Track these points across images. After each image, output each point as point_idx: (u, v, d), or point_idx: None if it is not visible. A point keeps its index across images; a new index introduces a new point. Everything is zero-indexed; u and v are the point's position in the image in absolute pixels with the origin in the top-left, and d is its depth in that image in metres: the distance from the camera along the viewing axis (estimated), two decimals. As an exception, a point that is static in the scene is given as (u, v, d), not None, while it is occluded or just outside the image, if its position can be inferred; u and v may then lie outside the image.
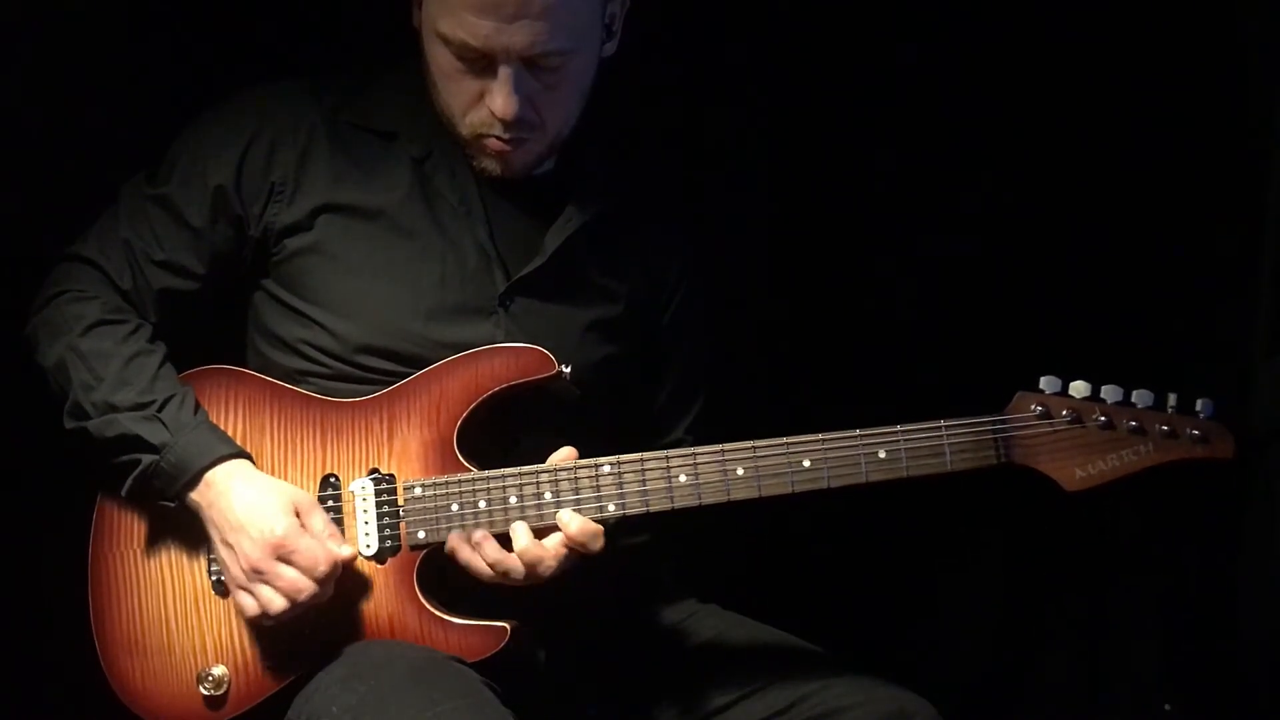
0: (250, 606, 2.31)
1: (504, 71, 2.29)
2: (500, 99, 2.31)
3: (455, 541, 2.32)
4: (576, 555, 2.31)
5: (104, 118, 2.76)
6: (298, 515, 2.32)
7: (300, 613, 2.29)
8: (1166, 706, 2.97)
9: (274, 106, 2.46)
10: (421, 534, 2.35)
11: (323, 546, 2.30)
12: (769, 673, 2.45)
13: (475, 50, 2.28)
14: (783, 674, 2.44)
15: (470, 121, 2.37)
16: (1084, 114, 3.02)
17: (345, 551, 2.32)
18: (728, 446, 2.30)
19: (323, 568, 2.28)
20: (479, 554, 2.31)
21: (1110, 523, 3.01)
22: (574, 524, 2.30)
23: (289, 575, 2.28)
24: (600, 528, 2.30)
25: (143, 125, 2.64)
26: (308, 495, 2.36)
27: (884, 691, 2.38)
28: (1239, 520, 2.94)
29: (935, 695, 2.40)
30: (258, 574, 2.29)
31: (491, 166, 2.41)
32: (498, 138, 2.36)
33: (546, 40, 2.27)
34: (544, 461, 2.35)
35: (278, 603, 2.28)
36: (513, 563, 2.30)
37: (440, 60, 2.34)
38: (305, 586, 2.28)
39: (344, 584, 2.33)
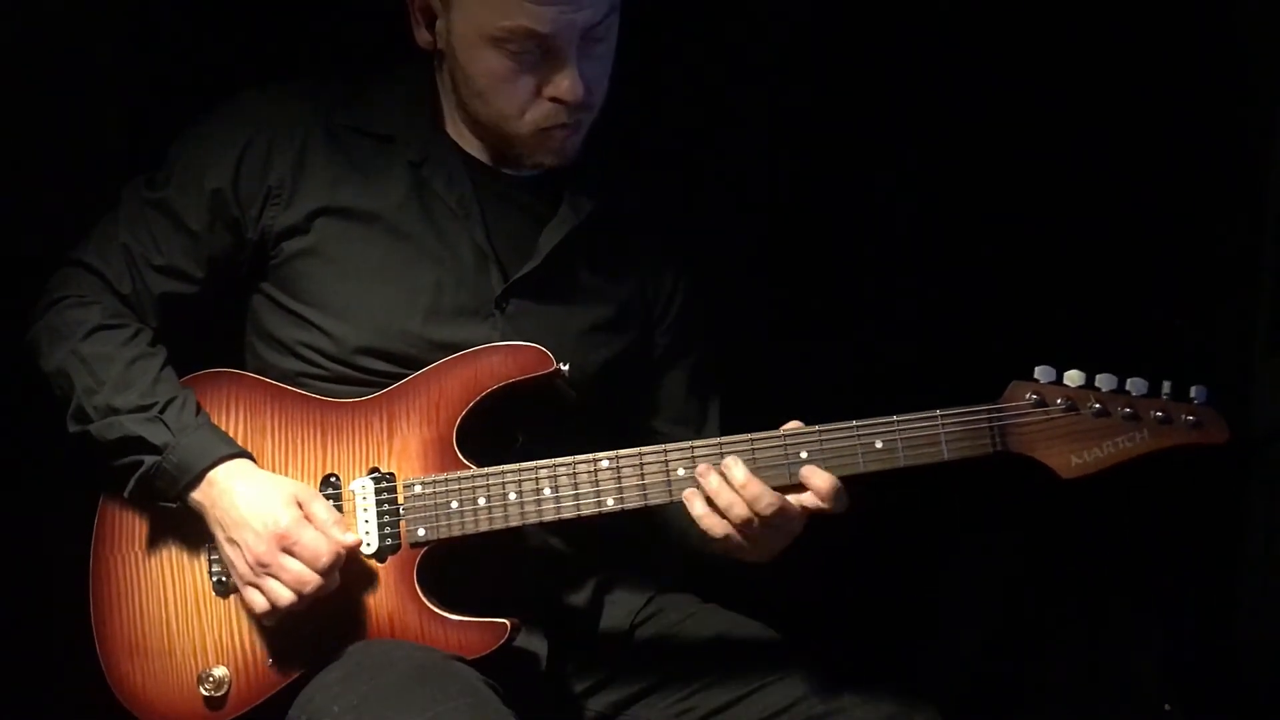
0: (259, 602, 2.31)
1: (570, 54, 2.30)
2: (568, 82, 2.31)
3: (689, 495, 2.26)
4: (810, 514, 2.26)
5: (104, 119, 2.77)
6: (300, 507, 2.32)
7: (307, 605, 2.29)
8: (1166, 707, 2.96)
9: (271, 110, 2.46)
10: (421, 531, 2.35)
11: (326, 537, 2.29)
12: (769, 673, 2.44)
13: (541, 36, 2.28)
14: (783, 674, 2.44)
15: (531, 118, 2.36)
16: (1084, 112, 3.02)
17: (350, 539, 2.32)
18: (725, 439, 2.29)
19: (326, 558, 2.28)
20: (705, 484, 2.25)
21: (1111, 523, 3.01)
22: (824, 481, 2.23)
23: (293, 567, 2.28)
24: (840, 485, 2.24)
25: (142, 127, 2.66)
26: (309, 488, 2.36)
27: (884, 691, 2.37)
28: (1239, 520, 2.94)
29: (935, 695, 2.40)
30: (263, 567, 2.29)
31: (549, 159, 2.41)
32: (563, 125, 2.36)
33: (603, 6, 2.30)
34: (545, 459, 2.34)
35: (285, 595, 2.28)
36: (734, 497, 2.23)
37: (491, 66, 2.32)
38: (310, 579, 2.28)
39: (345, 582, 2.33)
